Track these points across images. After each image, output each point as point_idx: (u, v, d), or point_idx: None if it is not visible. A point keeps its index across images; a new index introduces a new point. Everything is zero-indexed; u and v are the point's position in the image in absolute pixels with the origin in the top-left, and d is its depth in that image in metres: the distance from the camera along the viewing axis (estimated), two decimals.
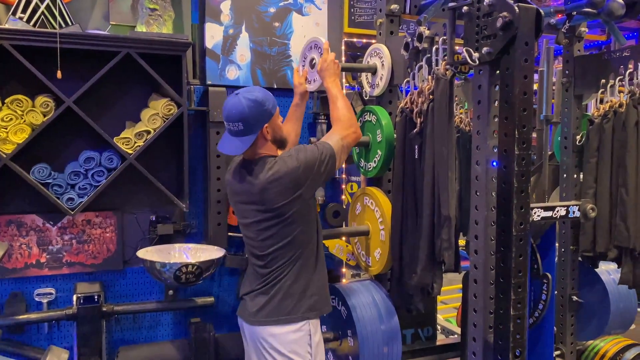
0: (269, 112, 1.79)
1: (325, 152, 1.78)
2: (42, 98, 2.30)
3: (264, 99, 1.78)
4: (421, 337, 2.42)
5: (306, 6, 2.95)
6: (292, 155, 1.78)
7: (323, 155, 1.77)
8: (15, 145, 2.25)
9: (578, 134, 2.19)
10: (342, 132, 1.84)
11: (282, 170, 1.75)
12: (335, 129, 1.87)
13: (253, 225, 1.85)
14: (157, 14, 2.59)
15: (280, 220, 1.79)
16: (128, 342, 2.67)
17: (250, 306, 1.87)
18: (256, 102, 1.76)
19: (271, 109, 1.80)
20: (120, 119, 2.57)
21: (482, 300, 1.57)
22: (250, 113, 1.76)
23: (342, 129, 1.85)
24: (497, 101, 1.51)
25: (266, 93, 1.81)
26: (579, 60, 2.16)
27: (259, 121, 1.77)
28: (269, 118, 1.79)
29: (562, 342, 2.26)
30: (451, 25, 1.58)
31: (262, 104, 1.77)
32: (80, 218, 2.58)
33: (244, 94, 1.77)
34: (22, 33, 2.23)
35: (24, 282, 2.52)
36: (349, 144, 1.87)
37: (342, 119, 1.87)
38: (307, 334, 1.80)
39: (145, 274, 2.62)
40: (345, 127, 1.86)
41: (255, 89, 1.81)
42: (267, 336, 1.81)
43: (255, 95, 1.77)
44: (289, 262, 1.82)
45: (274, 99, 1.83)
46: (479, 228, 1.57)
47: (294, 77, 2.22)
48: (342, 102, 1.91)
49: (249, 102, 1.75)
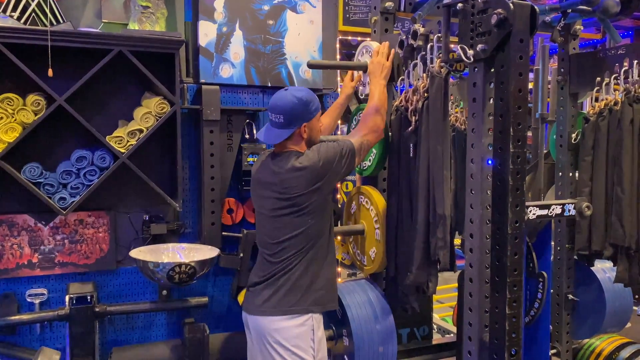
0: (310, 113, 1.87)
1: (345, 148, 1.85)
2: (33, 96, 2.28)
3: (309, 100, 1.87)
4: (417, 336, 2.41)
5: (300, 4, 2.93)
6: (314, 149, 1.86)
7: (344, 151, 1.84)
8: (6, 144, 2.23)
9: (573, 132, 2.18)
10: (364, 131, 1.90)
11: (305, 163, 1.82)
12: (360, 126, 1.93)
13: (269, 214, 1.91)
14: (149, 11, 2.57)
15: (296, 210, 1.83)
16: (121, 342, 2.65)
17: (256, 298, 1.90)
18: (301, 100, 1.85)
19: (313, 111, 1.88)
20: (113, 118, 2.55)
21: (478, 299, 1.56)
22: (293, 108, 1.85)
23: (366, 128, 1.90)
24: (492, 99, 1.50)
25: (313, 96, 1.90)
26: (574, 58, 2.15)
27: (299, 118, 1.85)
28: (309, 118, 1.87)
29: (558, 340, 2.26)
30: (446, 22, 1.57)
31: (307, 104, 1.86)
32: (73, 218, 2.55)
33: (293, 91, 1.88)
34: (12, 31, 2.20)
35: (15, 283, 2.49)
36: (369, 142, 1.91)
37: (368, 119, 1.92)
38: (310, 328, 1.83)
39: (139, 274, 2.60)
40: (369, 127, 1.90)
41: (304, 90, 1.91)
42: (271, 330, 1.83)
43: (302, 94, 1.87)
44: (299, 253, 1.86)
45: (319, 104, 1.91)
46: (474, 226, 1.56)
47: (345, 78, 2.28)
48: (376, 103, 1.93)
49: (295, 98, 1.85)
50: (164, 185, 2.56)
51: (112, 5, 2.63)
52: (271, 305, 1.85)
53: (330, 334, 2.05)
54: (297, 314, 1.83)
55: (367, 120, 1.92)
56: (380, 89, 1.97)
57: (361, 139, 1.89)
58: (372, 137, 1.91)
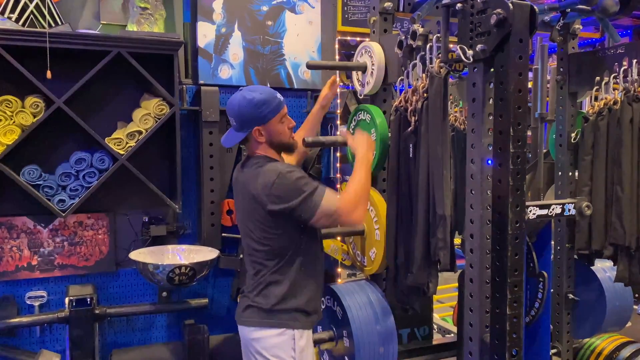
0: (262, 116, 1.72)
1: (308, 204, 1.65)
2: (32, 99, 2.28)
3: (262, 101, 1.71)
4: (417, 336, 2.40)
5: (299, 4, 2.93)
6: (274, 177, 1.67)
7: (301, 203, 1.65)
8: (4, 146, 2.23)
9: (573, 132, 2.18)
10: (340, 205, 1.67)
11: (259, 179, 1.70)
12: (339, 198, 1.70)
13: (241, 222, 1.84)
14: (148, 12, 2.56)
15: (258, 221, 1.73)
16: (121, 344, 2.65)
17: (240, 307, 1.84)
18: (251, 103, 1.71)
19: (267, 113, 1.73)
20: (112, 119, 2.55)
21: (478, 299, 1.56)
22: (242, 112, 1.73)
23: (344, 203, 1.68)
24: (491, 99, 1.50)
25: (268, 97, 1.73)
26: (573, 57, 2.15)
27: (250, 122, 1.73)
28: (262, 122, 1.73)
29: (559, 340, 2.26)
30: (445, 22, 1.56)
31: (257, 106, 1.71)
32: (72, 220, 2.55)
33: (245, 92, 1.74)
34: (11, 33, 2.20)
35: (15, 285, 2.49)
36: (337, 219, 1.70)
37: (348, 196, 1.70)
38: (290, 338, 1.74)
39: (139, 276, 2.60)
40: (346, 204, 1.68)
41: (258, 90, 1.75)
42: (251, 339, 1.77)
43: (254, 95, 1.72)
44: (268, 269, 1.75)
45: (279, 105, 1.75)
46: (474, 227, 1.56)
47: (324, 87, 2.13)
48: (358, 179, 1.74)
49: (245, 101, 1.72)
50: (164, 186, 2.57)
51: (111, 6, 2.62)
52: (248, 316, 1.78)
53: (331, 334, 2.04)
54: (272, 327, 1.74)
55: (347, 199, 1.69)
56: (366, 168, 1.77)
57: (332, 210, 1.65)
58: (344, 217, 1.68)
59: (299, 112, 3.00)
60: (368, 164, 1.80)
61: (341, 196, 1.72)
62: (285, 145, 1.82)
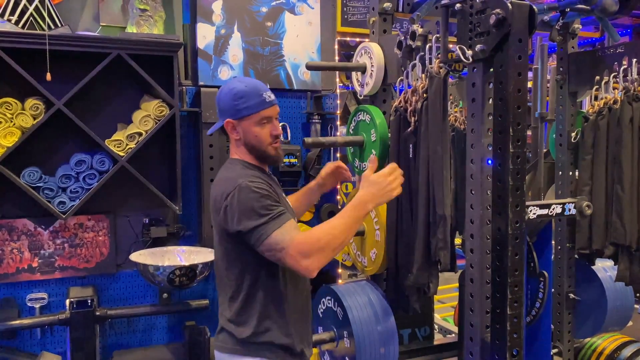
0: (237, 110, 1.56)
1: (258, 231, 1.44)
2: (31, 101, 2.28)
3: (241, 94, 1.55)
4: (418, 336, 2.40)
5: (299, 5, 2.93)
6: (231, 189, 1.49)
7: (250, 229, 1.45)
8: (4, 148, 2.23)
9: (573, 131, 2.18)
10: (292, 244, 1.41)
11: (219, 187, 1.55)
12: (296, 236, 1.44)
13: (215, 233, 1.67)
14: (147, 14, 2.57)
15: (219, 234, 1.59)
16: (122, 346, 2.65)
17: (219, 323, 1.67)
18: (230, 92, 1.57)
19: (243, 109, 1.55)
20: (112, 121, 2.56)
21: (479, 299, 1.56)
22: (221, 99, 1.60)
23: (297, 243, 1.42)
24: (491, 99, 1.50)
25: (251, 91, 1.56)
26: (573, 57, 2.15)
27: (224, 112, 1.59)
28: (234, 115, 1.57)
29: (560, 340, 2.25)
30: (444, 22, 1.56)
31: (235, 98, 1.55)
32: (72, 222, 2.55)
33: (235, 80, 1.62)
34: (10, 35, 2.20)
35: (15, 287, 2.49)
36: (282, 259, 1.44)
37: (308, 238, 1.44)
38: None
39: (139, 278, 2.60)
40: (300, 246, 1.42)
41: (247, 82, 1.60)
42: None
43: (237, 86, 1.57)
44: (237, 288, 1.57)
45: (260, 104, 1.56)
46: (474, 227, 1.56)
47: (328, 166, 1.91)
48: (333, 226, 1.48)
49: (227, 88, 1.59)
50: (164, 188, 2.57)
51: (110, 8, 2.63)
52: (220, 339, 1.63)
53: (332, 335, 2.04)
54: (242, 355, 1.56)
55: (310, 241, 1.43)
56: (354, 218, 1.49)
57: (282, 246, 1.42)
58: (292, 258, 1.41)
59: (298, 113, 3.00)
60: (360, 216, 1.50)
61: (301, 234, 1.45)
62: (261, 153, 1.61)
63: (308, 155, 2.97)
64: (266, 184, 1.54)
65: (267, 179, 1.61)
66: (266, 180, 1.57)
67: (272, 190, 1.53)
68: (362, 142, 2.05)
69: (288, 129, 2.94)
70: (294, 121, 2.99)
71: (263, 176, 1.60)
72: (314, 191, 1.95)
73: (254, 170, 1.60)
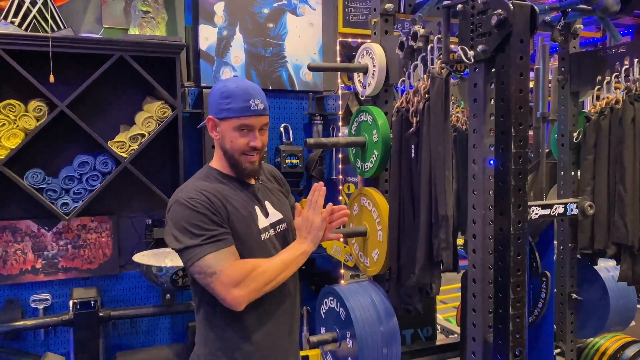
0: (220, 109, 1.48)
1: (188, 252, 1.38)
2: (35, 103, 2.29)
3: (228, 94, 1.47)
4: (421, 337, 2.40)
5: (300, 7, 2.94)
6: (172, 201, 1.46)
7: (182, 249, 1.39)
8: (8, 150, 2.24)
9: (575, 131, 2.18)
10: (221, 270, 1.35)
11: (173, 197, 1.49)
12: (230, 264, 1.38)
13: None
14: (150, 16, 2.58)
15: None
16: (125, 347, 2.65)
17: None
18: (219, 90, 1.49)
19: (225, 109, 1.47)
20: (115, 123, 2.57)
21: (481, 299, 1.56)
22: (211, 94, 1.53)
23: (229, 271, 1.36)
24: (493, 99, 1.50)
25: (238, 95, 1.47)
26: (574, 57, 2.15)
27: (210, 107, 1.51)
28: (216, 114, 1.49)
29: (562, 340, 2.25)
30: (446, 23, 1.57)
31: (221, 96, 1.48)
32: (76, 223, 2.56)
33: (232, 78, 1.57)
34: (13, 37, 2.21)
35: (19, 289, 2.50)
36: (210, 285, 1.37)
37: (241, 269, 1.38)
38: None
39: (142, 279, 2.61)
40: (231, 274, 1.36)
41: (238, 83, 1.51)
42: None
43: (228, 85, 1.49)
44: (199, 313, 1.51)
45: (243, 110, 1.47)
46: (476, 227, 1.56)
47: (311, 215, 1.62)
48: (271, 266, 1.43)
49: (219, 84, 1.52)
50: (166, 189, 2.57)
51: (113, 10, 2.64)
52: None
53: (334, 335, 2.05)
54: None
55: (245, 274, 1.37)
56: (296, 255, 1.46)
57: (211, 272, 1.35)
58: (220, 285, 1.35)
59: (300, 114, 3.01)
60: (297, 258, 1.46)
61: (235, 263, 1.38)
62: (233, 161, 1.52)
63: (310, 156, 2.97)
64: (212, 201, 1.43)
65: (232, 194, 1.51)
66: (222, 196, 1.47)
67: (215, 210, 1.42)
68: (364, 143, 2.06)
69: (290, 130, 2.95)
70: (295, 122, 2.99)
71: (225, 190, 1.50)
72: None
73: (215, 183, 1.51)
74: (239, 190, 1.55)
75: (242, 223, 1.50)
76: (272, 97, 2.92)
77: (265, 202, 1.62)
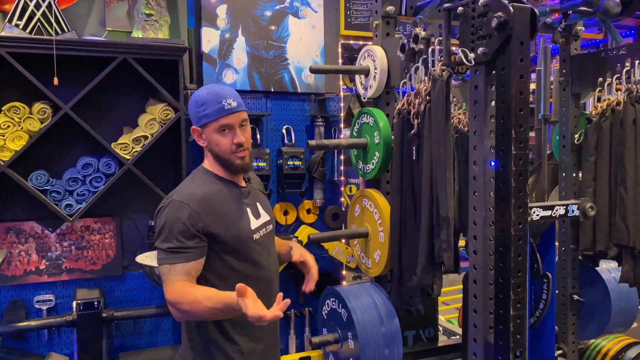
0: (199, 117, 1.56)
1: (160, 255, 1.51)
2: (39, 105, 2.31)
3: (202, 101, 1.54)
4: (422, 338, 2.41)
5: (302, 9, 2.95)
6: (162, 204, 1.55)
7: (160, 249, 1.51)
8: (12, 152, 2.25)
9: (576, 133, 2.18)
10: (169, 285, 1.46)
11: (163, 202, 1.57)
12: (178, 285, 1.46)
13: None
14: (153, 19, 2.59)
15: None
16: (128, 348, 2.67)
17: None
18: (194, 100, 1.57)
19: (203, 116, 1.54)
20: (118, 125, 2.58)
21: (482, 300, 1.56)
22: (189, 106, 1.60)
23: (172, 291, 1.45)
24: (493, 101, 1.51)
25: (211, 99, 1.53)
26: (575, 59, 2.16)
27: (191, 118, 1.59)
28: (198, 123, 1.57)
29: (564, 341, 2.25)
30: (446, 26, 1.58)
31: (197, 105, 1.55)
32: (79, 224, 2.58)
33: (205, 87, 1.61)
34: (18, 40, 2.23)
35: (23, 289, 2.52)
36: (164, 289, 1.49)
37: (178, 293, 1.45)
38: None
39: (145, 280, 2.62)
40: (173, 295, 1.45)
41: (211, 89, 1.57)
42: None
43: (200, 93, 1.57)
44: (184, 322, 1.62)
45: (218, 112, 1.53)
46: (477, 228, 1.57)
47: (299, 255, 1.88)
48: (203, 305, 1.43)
49: (194, 95, 1.59)
50: (169, 190, 2.57)
51: (116, 13, 2.66)
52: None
53: (336, 336, 2.05)
54: None
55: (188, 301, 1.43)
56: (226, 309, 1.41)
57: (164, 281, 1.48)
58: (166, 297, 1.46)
59: (302, 116, 3.02)
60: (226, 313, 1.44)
61: (178, 285, 1.46)
62: (224, 162, 1.59)
63: (312, 158, 2.98)
64: (197, 212, 1.49)
65: (225, 197, 1.58)
66: (211, 203, 1.53)
67: (194, 222, 1.48)
68: (365, 145, 2.07)
69: (292, 132, 2.96)
70: (297, 124, 3.00)
71: (218, 194, 1.57)
72: (285, 255, 1.90)
73: (210, 185, 1.58)
74: (232, 193, 1.62)
75: (233, 226, 1.57)
76: (275, 99, 2.93)
77: (256, 204, 1.70)
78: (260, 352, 1.64)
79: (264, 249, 1.66)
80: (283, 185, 2.90)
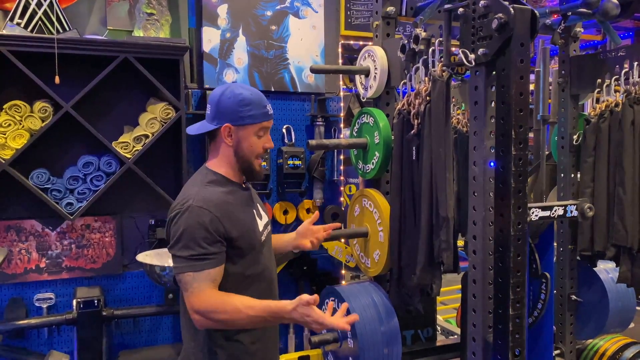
0: (241, 116, 1.51)
1: (176, 261, 1.45)
2: (40, 103, 2.31)
3: (248, 101, 1.52)
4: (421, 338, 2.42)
5: (303, 9, 2.96)
6: (179, 206, 1.49)
7: (174, 257, 1.46)
8: (14, 150, 2.26)
9: (575, 134, 2.19)
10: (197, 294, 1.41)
11: (178, 197, 1.55)
12: (209, 294, 1.42)
13: None
14: (154, 18, 2.60)
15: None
16: (128, 346, 2.67)
17: None
18: (236, 98, 1.52)
19: (247, 116, 1.52)
20: (119, 124, 2.59)
21: (481, 300, 1.57)
22: (223, 102, 1.52)
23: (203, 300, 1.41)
24: (493, 102, 1.52)
25: (257, 101, 1.54)
26: (574, 60, 2.17)
27: (225, 115, 1.52)
28: (237, 121, 1.52)
29: (562, 341, 2.26)
30: (447, 26, 1.58)
31: (241, 104, 1.51)
32: (80, 223, 2.58)
33: (235, 86, 1.57)
34: (19, 39, 2.24)
35: (23, 288, 2.52)
36: (185, 296, 1.44)
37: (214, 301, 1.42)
38: None
39: (145, 278, 2.63)
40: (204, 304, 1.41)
41: (252, 90, 1.57)
42: None
43: (244, 92, 1.53)
44: (184, 322, 1.58)
45: (264, 116, 1.55)
46: (477, 228, 1.57)
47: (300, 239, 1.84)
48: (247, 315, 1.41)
49: (231, 94, 1.53)
50: (170, 189, 2.59)
51: (117, 12, 2.66)
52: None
53: (335, 336, 2.06)
54: None
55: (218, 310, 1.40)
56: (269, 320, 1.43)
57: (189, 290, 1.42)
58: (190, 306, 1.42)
59: (302, 116, 3.03)
60: (269, 321, 1.45)
61: (211, 293, 1.42)
62: (247, 165, 1.57)
63: (312, 157, 2.99)
64: (217, 217, 1.46)
65: (237, 201, 1.56)
66: (228, 208, 1.50)
67: (216, 228, 1.45)
68: (365, 145, 2.08)
69: (292, 132, 2.96)
70: (298, 124, 3.01)
71: (230, 198, 1.54)
72: (285, 245, 1.88)
73: (219, 187, 1.54)
74: (243, 196, 1.62)
75: (247, 230, 1.56)
76: (275, 98, 2.94)
77: (257, 205, 1.71)
78: (262, 351, 1.63)
79: (267, 250, 1.67)
80: (283, 184, 2.91)
